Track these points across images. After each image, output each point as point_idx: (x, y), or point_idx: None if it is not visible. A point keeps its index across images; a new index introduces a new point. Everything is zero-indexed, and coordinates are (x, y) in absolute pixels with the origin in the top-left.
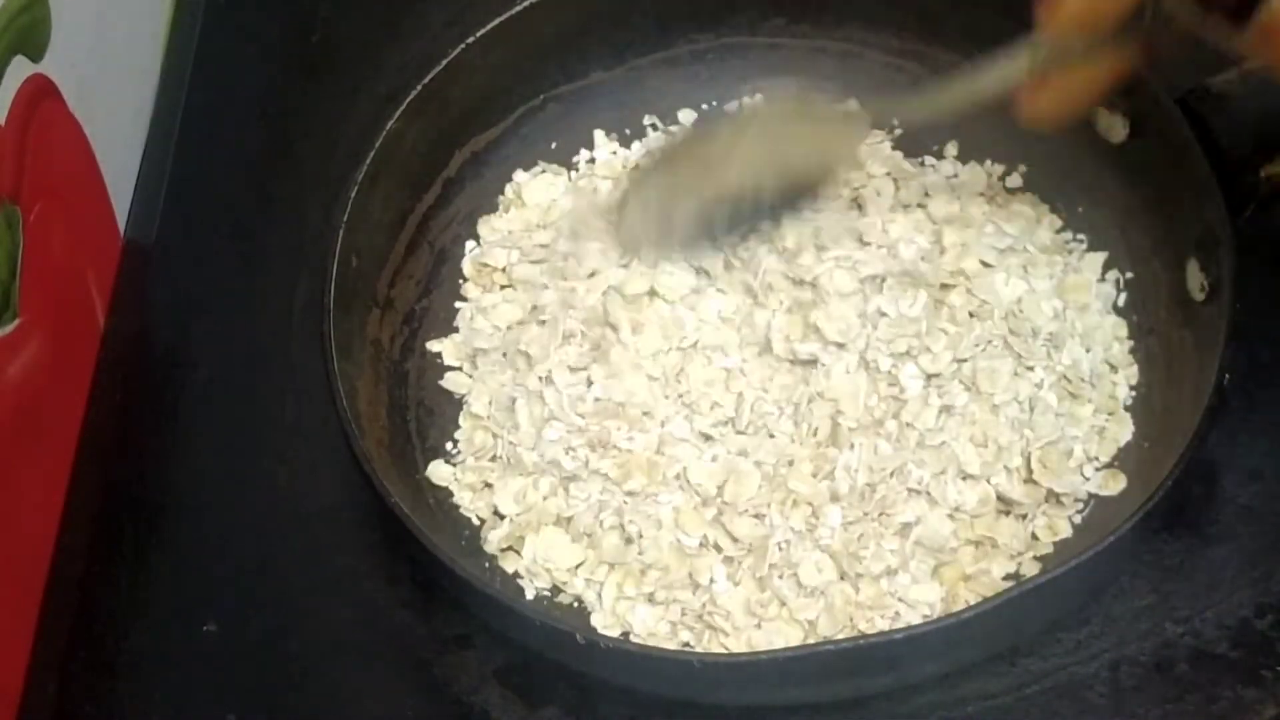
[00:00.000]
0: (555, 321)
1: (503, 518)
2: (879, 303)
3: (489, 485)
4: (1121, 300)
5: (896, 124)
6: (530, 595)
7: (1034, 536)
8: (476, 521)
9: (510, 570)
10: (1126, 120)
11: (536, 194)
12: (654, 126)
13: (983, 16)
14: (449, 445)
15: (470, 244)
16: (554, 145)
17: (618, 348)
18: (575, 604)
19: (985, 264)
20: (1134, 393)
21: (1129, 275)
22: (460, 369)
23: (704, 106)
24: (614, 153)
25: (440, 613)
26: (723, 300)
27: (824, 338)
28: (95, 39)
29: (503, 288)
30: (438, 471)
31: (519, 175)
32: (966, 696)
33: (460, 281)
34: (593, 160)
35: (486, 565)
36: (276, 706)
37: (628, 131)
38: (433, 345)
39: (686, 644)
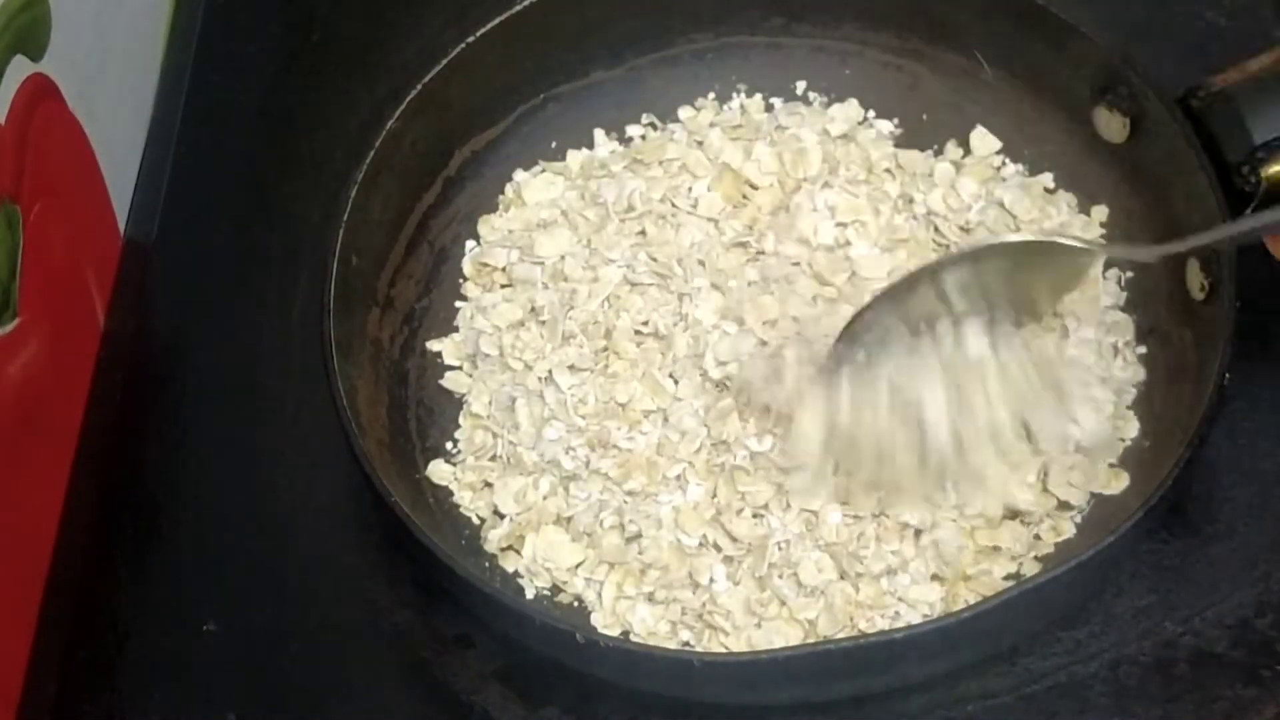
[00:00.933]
0: (555, 322)
1: (503, 517)
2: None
3: (489, 485)
4: (1123, 300)
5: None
6: (530, 595)
7: (1036, 537)
8: (476, 521)
9: (510, 570)
10: (1127, 120)
11: (536, 193)
12: (653, 126)
13: (983, 14)
14: (449, 445)
15: (470, 243)
16: (554, 144)
17: (621, 350)
18: (575, 603)
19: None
20: (1135, 391)
21: (1129, 275)
22: (460, 368)
23: (701, 104)
24: (613, 152)
25: (440, 613)
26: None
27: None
28: (95, 39)
29: (503, 287)
30: (438, 471)
31: (519, 175)
32: (966, 696)
33: (460, 281)
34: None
35: (486, 565)
36: (276, 706)
37: (628, 131)
38: (433, 345)
39: (686, 643)
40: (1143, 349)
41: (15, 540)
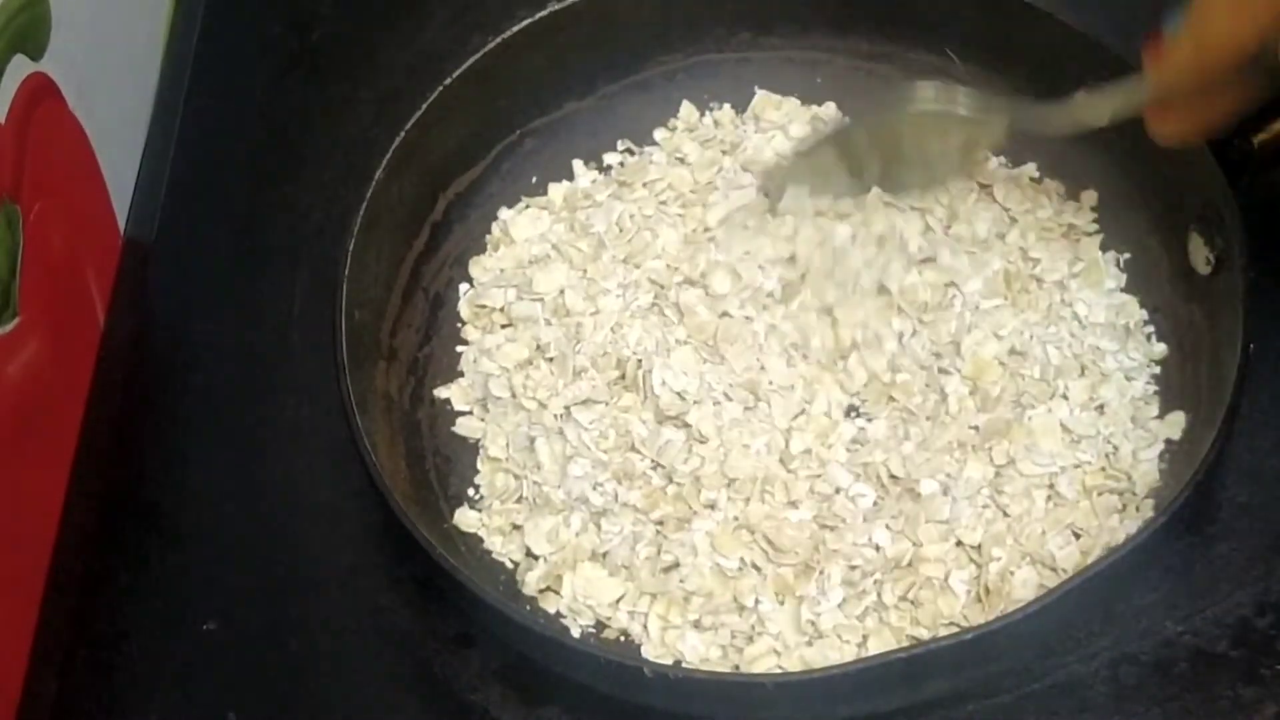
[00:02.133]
0: (564, 358)
1: (536, 558)
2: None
3: (517, 527)
4: (1124, 281)
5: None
6: (576, 634)
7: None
8: (510, 565)
9: (552, 610)
10: None
11: (524, 230)
12: (630, 151)
13: (951, 10)
14: (470, 491)
15: (464, 286)
16: (534, 179)
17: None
18: (621, 638)
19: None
20: (1150, 371)
21: (1126, 256)
22: (471, 413)
23: (675, 125)
24: (594, 181)
25: (440, 613)
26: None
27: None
28: (95, 38)
29: (503, 327)
30: (465, 519)
31: (504, 213)
32: (966, 695)
33: (459, 325)
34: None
35: (527, 608)
36: (276, 706)
37: (605, 159)
38: (440, 392)
39: (737, 666)
40: (1151, 329)
41: (15, 540)
